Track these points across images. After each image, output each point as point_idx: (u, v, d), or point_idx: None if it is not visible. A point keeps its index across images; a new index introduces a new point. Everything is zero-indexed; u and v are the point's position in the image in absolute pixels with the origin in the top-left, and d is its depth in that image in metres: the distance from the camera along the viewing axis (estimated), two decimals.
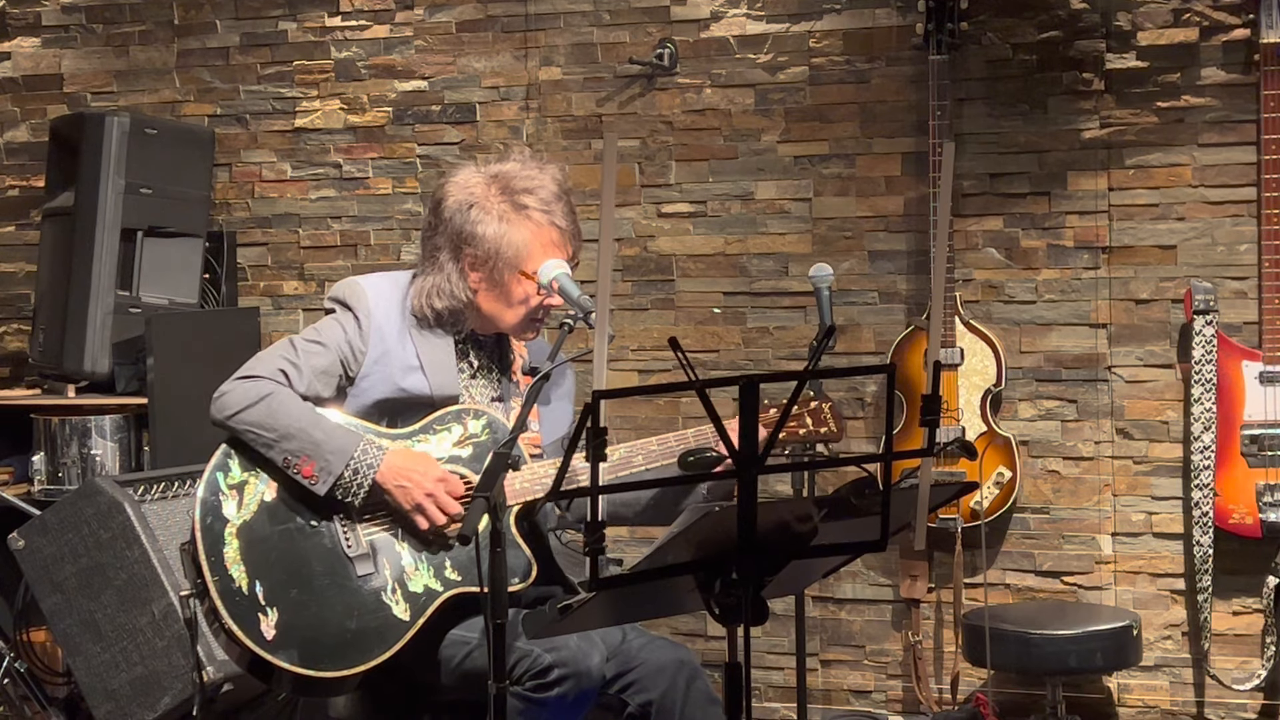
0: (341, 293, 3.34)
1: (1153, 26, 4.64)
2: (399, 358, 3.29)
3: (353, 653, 3.10)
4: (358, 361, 3.28)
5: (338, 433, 3.15)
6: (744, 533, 2.42)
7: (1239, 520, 4.47)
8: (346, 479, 3.12)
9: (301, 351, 3.24)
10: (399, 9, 5.27)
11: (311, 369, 3.23)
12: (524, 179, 3.31)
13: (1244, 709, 4.63)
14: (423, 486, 3.14)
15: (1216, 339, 4.49)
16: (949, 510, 4.58)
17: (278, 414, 3.14)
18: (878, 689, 4.93)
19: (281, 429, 3.13)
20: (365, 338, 3.28)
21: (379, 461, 3.14)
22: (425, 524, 3.16)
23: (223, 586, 3.09)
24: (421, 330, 3.32)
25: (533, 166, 3.34)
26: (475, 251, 3.27)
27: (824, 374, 3.04)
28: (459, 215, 3.29)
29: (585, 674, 3.08)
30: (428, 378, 3.29)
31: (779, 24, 4.94)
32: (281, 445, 3.13)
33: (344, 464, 3.12)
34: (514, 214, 3.27)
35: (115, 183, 4.86)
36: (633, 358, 5.09)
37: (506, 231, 3.26)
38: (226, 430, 3.18)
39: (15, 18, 5.62)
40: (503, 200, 3.28)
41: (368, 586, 3.14)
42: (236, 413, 3.16)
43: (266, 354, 3.26)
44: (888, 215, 4.87)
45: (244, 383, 3.19)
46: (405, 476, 3.14)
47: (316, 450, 3.12)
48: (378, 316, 3.29)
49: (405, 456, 3.17)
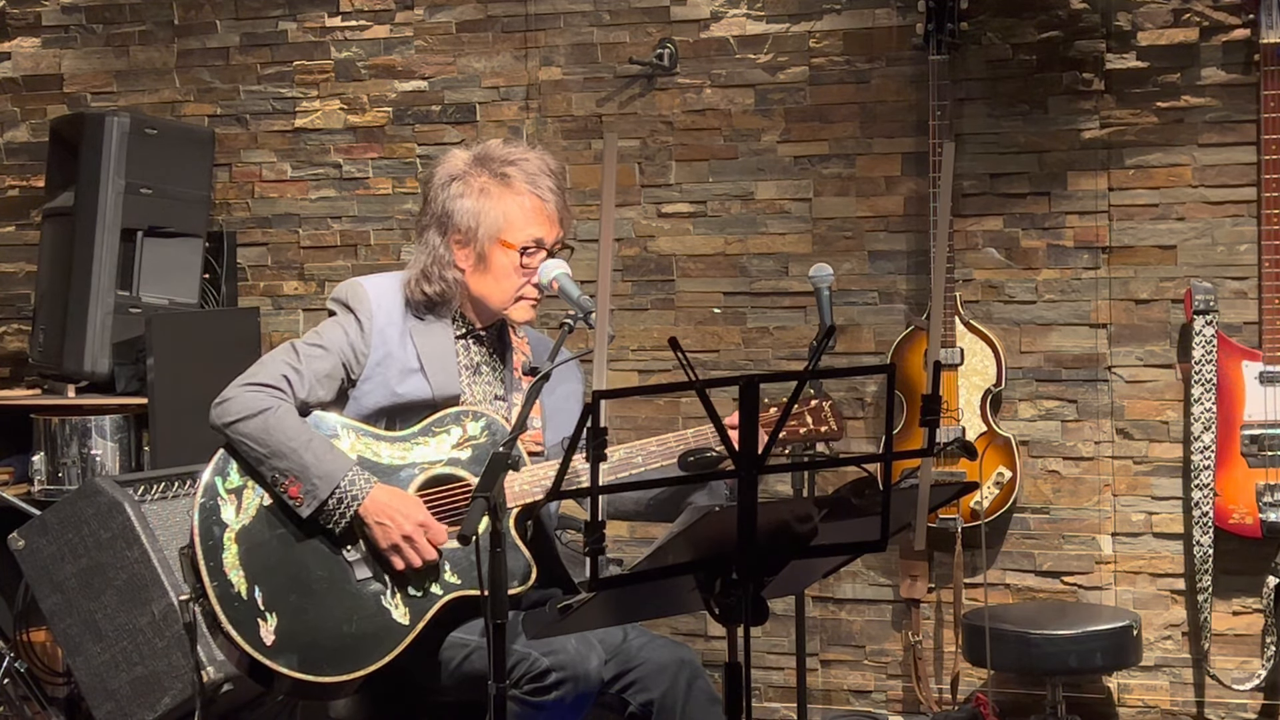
0: (344, 294, 3.34)
1: (1153, 26, 4.64)
2: (400, 360, 3.28)
3: (352, 657, 3.10)
4: (360, 364, 3.27)
5: (328, 457, 3.13)
6: (744, 533, 2.42)
7: (1239, 520, 4.47)
8: (330, 506, 3.12)
9: (304, 356, 3.24)
10: (399, 9, 5.27)
11: (314, 373, 3.23)
12: (508, 154, 3.32)
13: (1244, 709, 4.63)
14: (402, 528, 3.12)
15: (1216, 339, 4.49)
16: (949, 510, 4.58)
17: (273, 430, 3.13)
18: (878, 689, 4.93)
19: (274, 446, 3.12)
20: (367, 339, 3.27)
21: (364, 495, 3.12)
22: (400, 564, 3.13)
23: (222, 592, 3.09)
24: (422, 328, 3.31)
25: (520, 145, 3.37)
26: (459, 226, 3.28)
27: (824, 374, 3.05)
28: (442, 192, 3.31)
29: (583, 677, 3.08)
30: (429, 379, 3.28)
31: (779, 24, 4.94)
32: (271, 462, 3.13)
33: (329, 491, 3.11)
34: (495, 185, 3.29)
35: (115, 183, 4.86)
36: (633, 358, 5.09)
37: (487, 204, 3.28)
38: (223, 436, 3.18)
39: (15, 18, 5.62)
40: (485, 174, 3.30)
41: (367, 590, 3.13)
42: (234, 422, 3.15)
43: (269, 359, 3.25)
44: (888, 215, 4.87)
45: (247, 392, 3.18)
46: (387, 515, 3.12)
47: (304, 473, 3.11)
48: (379, 318, 3.29)
49: (391, 495, 3.15)
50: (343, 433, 3.22)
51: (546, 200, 3.29)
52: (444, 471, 3.22)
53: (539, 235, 3.28)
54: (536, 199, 3.28)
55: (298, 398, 3.20)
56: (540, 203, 3.29)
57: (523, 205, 3.28)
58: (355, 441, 3.21)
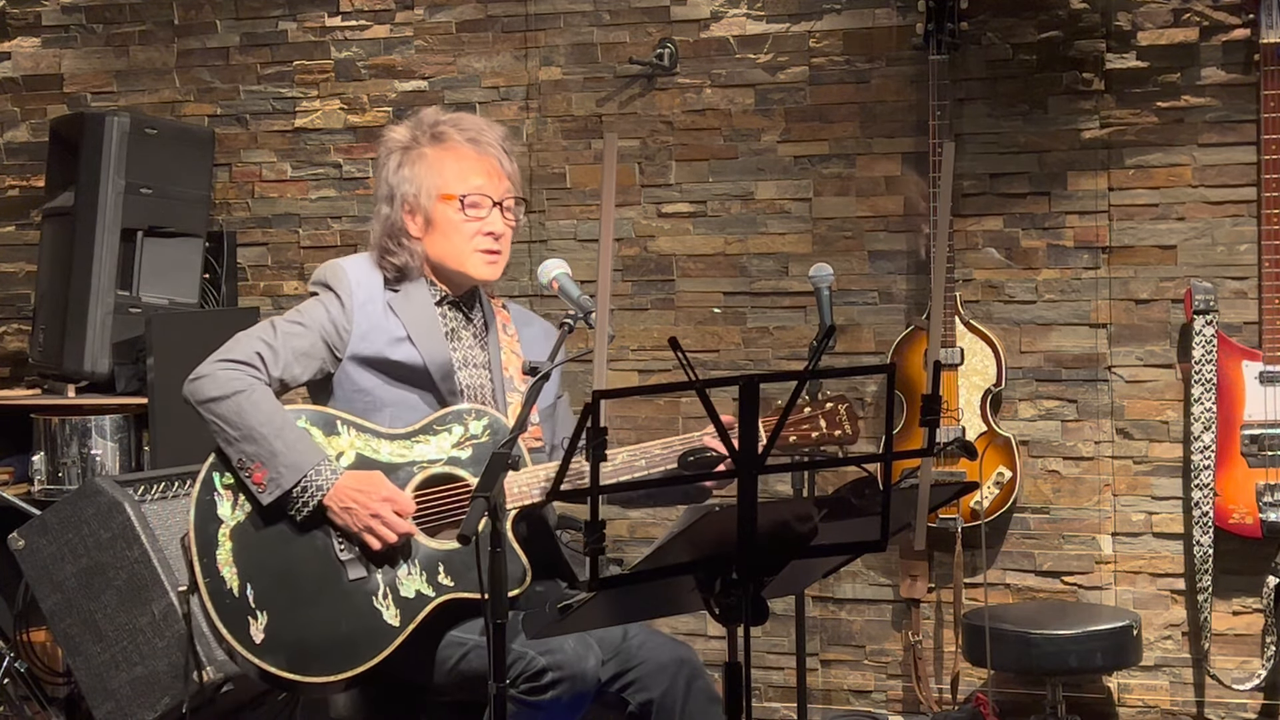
0: (323, 275, 3.33)
1: (1153, 26, 4.64)
2: (385, 331, 3.27)
3: (341, 658, 3.08)
4: (343, 339, 3.26)
5: (299, 446, 3.11)
6: (744, 533, 2.42)
7: (1239, 520, 4.47)
8: (294, 495, 3.09)
9: (281, 333, 3.21)
10: (399, 9, 5.27)
11: (290, 350, 3.20)
12: (443, 117, 3.35)
13: (1244, 709, 4.63)
14: (368, 507, 3.10)
15: (1216, 339, 4.49)
16: (949, 510, 4.58)
17: (246, 413, 3.10)
18: (878, 689, 4.93)
19: (245, 429, 3.10)
20: (349, 315, 3.26)
21: (329, 485, 3.10)
22: (378, 545, 3.11)
23: (214, 588, 3.08)
24: (401, 299, 3.31)
25: (461, 113, 3.40)
26: (405, 196, 3.30)
27: (824, 374, 3.04)
28: (386, 167, 3.34)
29: (580, 677, 3.06)
30: (417, 347, 3.27)
31: (779, 24, 4.94)
32: (240, 445, 3.10)
33: (295, 480, 3.09)
34: (430, 147, 3.31)
35: (115, 183, 4.86)
36: (633, 358, 5.09)
37: (423, 167, 3.30)
38: (196, 414, 3.16)
39: (15, 18, 5.62)
40: (423, 139, 3.32)
41: (359, 591, 3.11)
42: (207, 401, 3.13)
43: (245, 335, 3.23)
44: (888, 215, 4.87)
45: (221, 369, 3.15)
46: (351, 499, 3.10)
47: (272, 460, 3.08)
48: (359, 295, 3.28)
49: (353, 478, 3.13)
50: (342, 429, 3.20)
51: (486, 151, 3.30)
52: (443, 471, 3.21)
53: (478, 183, 3.29)
54: (473, 150, 3.30)
55: (272, 375, 3.18)
56: (477, 152, 3.30)
57: (460, 156, 3.29)
58: (354, 438, 3.19)
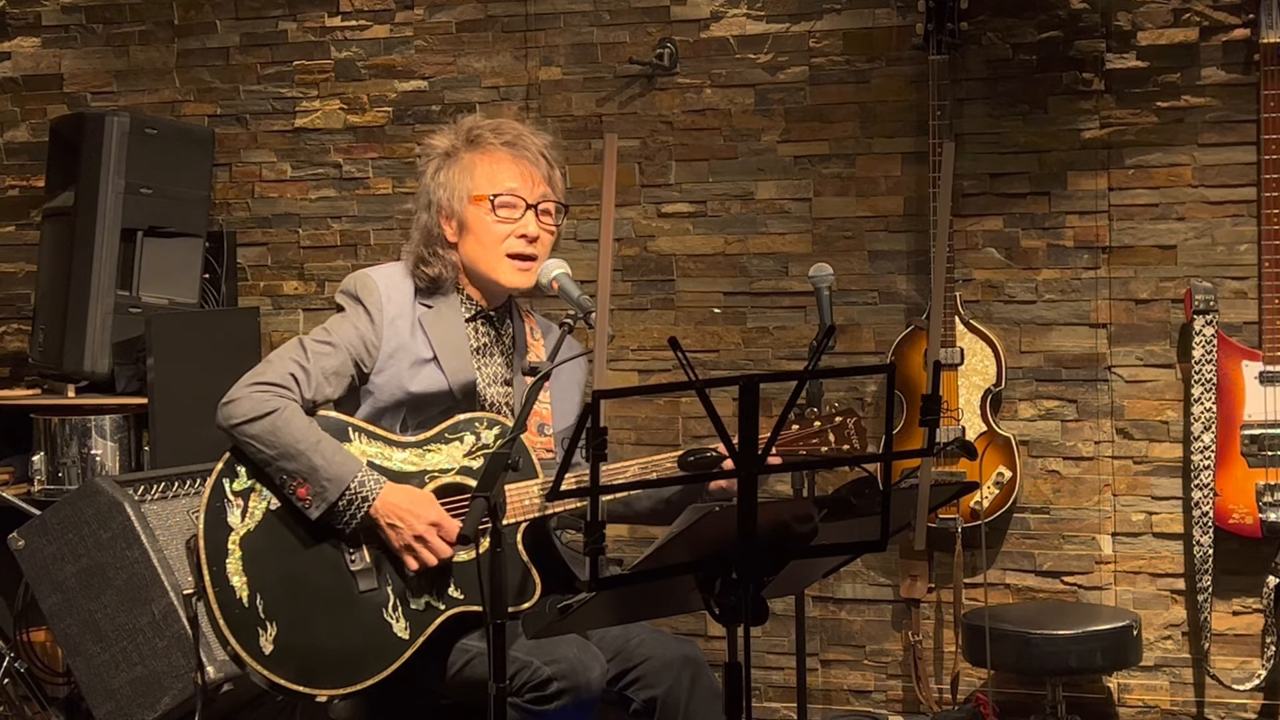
0: (352, 286, 3.31)
1: (1153, 26, 4.64)
2: (412, 351, 3.26)
3: (349, 671, 3.07)
4: (371, 356, 3.25)
5: (337, 459, 3.10)
6: (744, 533, 2.42)
7: (1239, 520, 4.47)
8: (340, 508, 3.08)
9: (311, 354, 3.20)
10: (399, 9, 5.27)
11: (321, 371, 3.19)
12: (484, 122, 3.35)
13: (1244, 709, 4.63)
14: (414, 528, 3.08)
15: (1216, 339, 4.49)
16: (949, 510, 4.59)
17: (280, 432, 3.09)
18: (878, 689, 4.93)
19: (282, 447, 3.08)
20: (379, 331, 3.25)
21: (374, 495, 3.09)
22: (415, 564, 3.10)
23: (223, 597, 3.06)
24: (432, 315, 3.29)
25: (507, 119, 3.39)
26: (441, 202, 3.30)
27: (824, 374, 3.04)
28: (425, 174, 3.34)
29: (584, 686, 3.05)
30: (443, 368, 3.26)
31: (779, 24, 4.94)
32: (279, 464, 3.09)
33: (339, 493, 3.08)
34: (466, 150, 3.31)
35: (115, 183, 4.86)
36: (633, 358, 5.09)
37: (458, 170, 3.30)
38: (230, 438, 3.15)
39: (15, 18, 5.62)
40: (460, 144, 3.32)
41: (369, 603, 3.10)
42: (241, 423, 3.11)
43: (276, 357, 3.21)
44: (888, 215, 4.87)
45: (254, 392, 3.14)
46: (399, 516, 3.09)
47: (313, 475, 3.07)
48: (389, 310, 3.27)
49: (402, 494, 3.11)
50: (354, 436, 3.18)
51: (522, 155, 3.29)
52: (454, 481, 3.19)
53: (510, 185, 3.28)
54: (508, 153, 3.29)
55: (305, 397, 3.17)
56: (513, 155, 3.29)
57: (494, 159, 3.29)
58: (367, 446, 3.18)
